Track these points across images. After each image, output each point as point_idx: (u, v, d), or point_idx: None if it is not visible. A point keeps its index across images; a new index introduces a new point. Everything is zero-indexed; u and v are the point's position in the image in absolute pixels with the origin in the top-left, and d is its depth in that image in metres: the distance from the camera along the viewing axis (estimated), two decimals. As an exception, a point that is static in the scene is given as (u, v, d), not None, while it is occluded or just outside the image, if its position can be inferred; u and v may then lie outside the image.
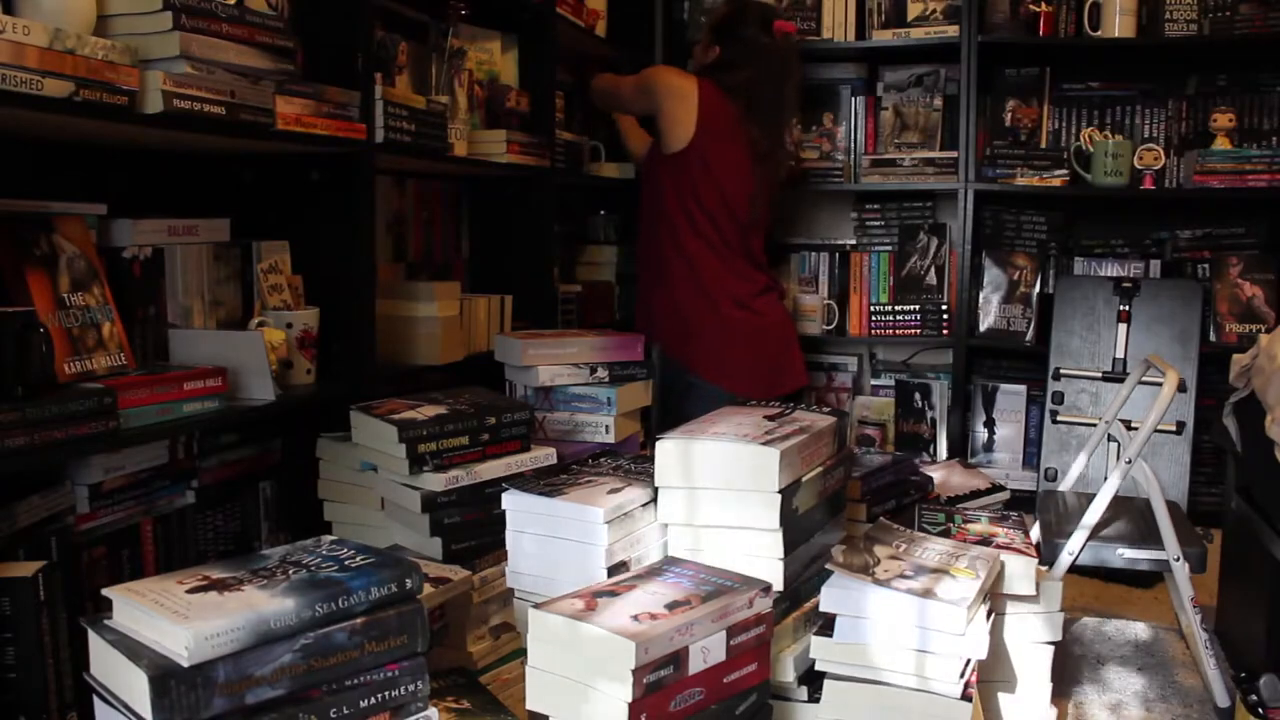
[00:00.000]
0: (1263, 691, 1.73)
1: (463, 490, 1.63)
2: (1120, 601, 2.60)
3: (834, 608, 1.41)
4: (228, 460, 1.77)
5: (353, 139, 1.78)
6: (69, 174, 1.61)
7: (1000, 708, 1.63)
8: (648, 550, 1.48)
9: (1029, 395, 3.31)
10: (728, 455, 1.42)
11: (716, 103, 2.60)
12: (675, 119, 2.59)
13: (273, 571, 1.15)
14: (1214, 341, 3.08)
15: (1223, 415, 2.26)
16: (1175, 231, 3.26)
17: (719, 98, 2.60)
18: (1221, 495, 2.68)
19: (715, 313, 2.61)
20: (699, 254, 2.60)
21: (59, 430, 1.28)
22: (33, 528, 1.41)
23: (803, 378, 2.79)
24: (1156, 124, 3.28)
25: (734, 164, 2.62)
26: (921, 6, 3.27)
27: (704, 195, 2.59)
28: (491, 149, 2.33)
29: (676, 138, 2.60)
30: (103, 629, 1.09)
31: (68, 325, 1.42)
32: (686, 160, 2.59)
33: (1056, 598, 1.64)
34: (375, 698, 1.13)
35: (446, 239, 2.55)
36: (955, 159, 3.23)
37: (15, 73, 1.19)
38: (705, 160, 2.58)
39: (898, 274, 3.39)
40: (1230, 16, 3.05)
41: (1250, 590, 2.14)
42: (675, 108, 2.59)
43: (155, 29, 1.40)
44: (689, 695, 1.18)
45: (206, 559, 1.70)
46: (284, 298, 1.78)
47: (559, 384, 2.04)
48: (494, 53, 2.54)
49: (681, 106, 2.59)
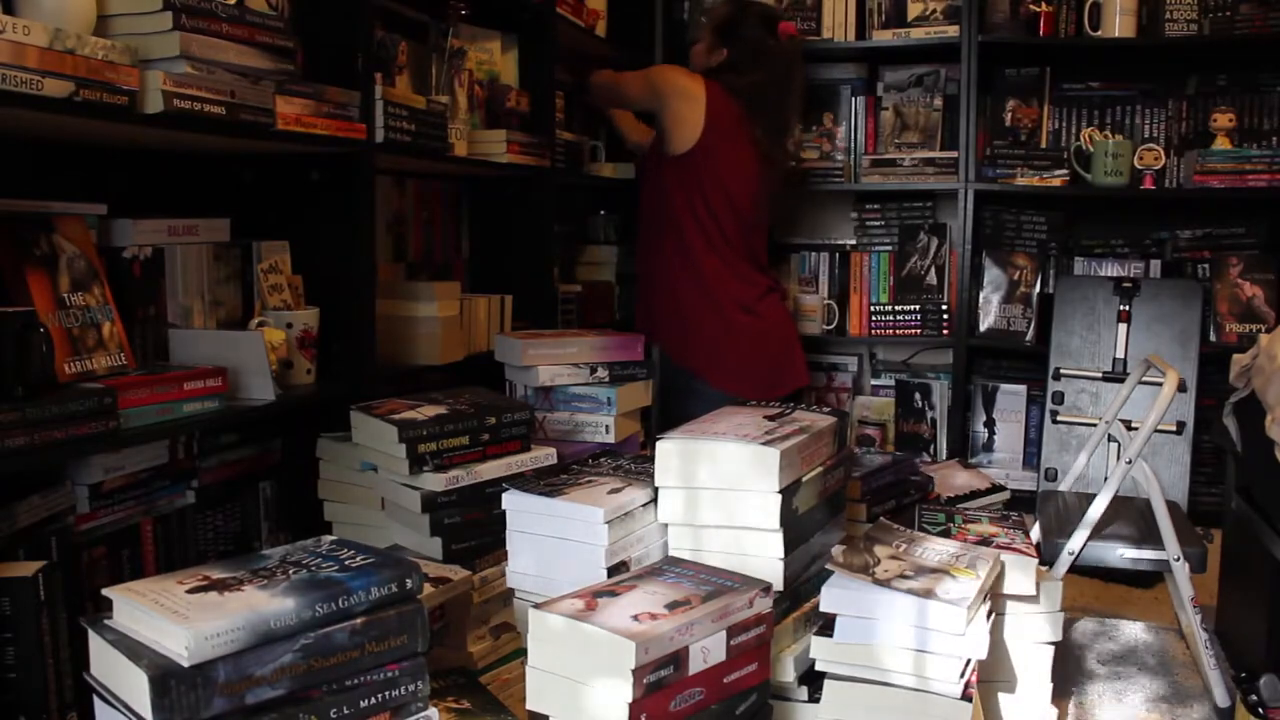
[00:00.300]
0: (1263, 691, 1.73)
1: (463, 490, 1.63)
2: (1120, 601, 2.60)
3: (834, 608, 1.41)
4: (228, 460, 1.77)
5: (353, 139, 1.78)
6: (69, 174, 1.61)
7: (1000, 708, 1.62)
8: (648, 550, 1.48)
9: (1029, 395, 3.32)
10: (728, 455, 1.42)
11: (723, 104, 2.59)
12: (682, 119, 2.58)
13: (273, 571, 1.15)
14: (1214, 341, 3.08)
15: (1223, 415, 2.26)
16: (1175, 231, 3.26)
17: (726, 99, 2.60)
18: (1221, 495, 2.68)
19: (720, 317, 2.60)
20: (704, 257, 2.60)
21: (59, 430, 1.28)
22: (33, 528, 1.41)
23: (804, 378, 2.79)
24: (1156, 124, 3.29)
25: (739, 166, 2.61)
26: (921, 6, 3.27)
27: (710, 197, 2.58)
28: (491, 149, 2.33)
29: (682, 139, 2.59)
30: (103, 629, 1.09)
31: (68, 325, 1.42)
32: (692, 162, 2.58)
33: (1056, 598, 1.64)
34: (375, 698, 1.13)
35: (446, 239, 2.55)
36: (955, 159, 3.23)
37: (15, 73, 1.19)
38: (711, 162, 2.58)
39: (898, 274, 3.39)
40: (1230, 16, 3.05)
41: (1250, 590, 2.14)
42: (683, 108, 2.58)
43: (155, 29, 1.40)
44: (689, 695, 1.18)
45: (206, 559, 1.70)
46: (284, 298, 1.78)
47: (559, 384, 2.04)
48: (494, 53, 2.54)
49: (689, 107, 2.57)
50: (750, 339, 2.63)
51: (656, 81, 2.66)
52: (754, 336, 2.64)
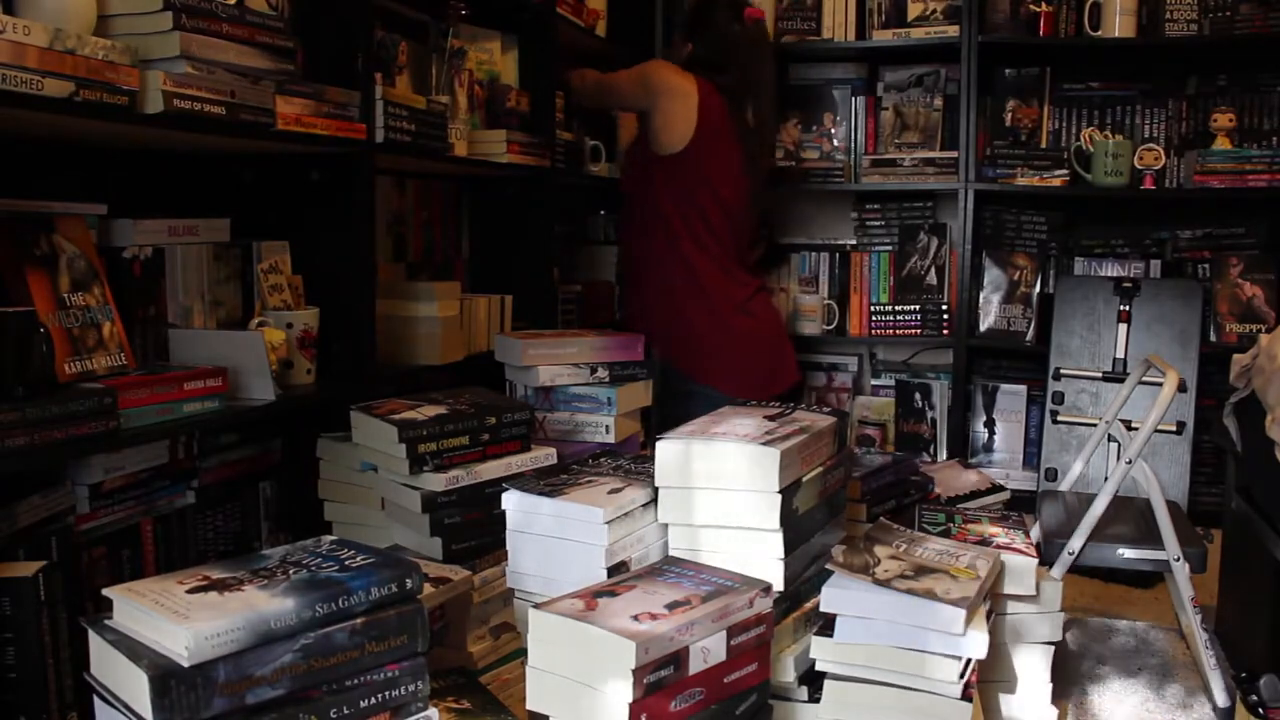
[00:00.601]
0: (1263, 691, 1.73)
1: (463, 490, 1.63)
2: (1120, 601, 2.60)
3: (834, 608, 1.41)
4: (228, 460, 1.77)
5: (353, 139, 1.78)
6: (69, 174, 1.61)
7: (1000, 708, 1.63)
8: (648, 550, 1.48)
9: (1029, 395, 3.32)
10: (728, 455, 1.42)
11: (714, 102, 2.58)
12: (675, 118, 2.56)
13: (273, 571, 1.15)
14: (1214, 341, 3.08)
15: (1223, 415, 2.26)
16: (1175, 231, 3.26)
17: (715, 96, 2.59)
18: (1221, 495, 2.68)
19: (717, 319, 2.60)
20: (697, 259, 2.59)
21: (59, 430, 1.28)
22: (33, 528, 1.41)
23: (796, 374, 2.79)
24: (1156, 124, 3.29)
25: (729, 164, 2.61)
26: (921, 6, 3.27)
27: (701, 199, 2.58)
28: (491, 149, 2.33)
29: (673, 138, 2.57)
30: (103, 629, 1.09)
31: (68, 325, 1.42)
32: (683, 162, 2.57)
33: (1056, 598, 1.64)
34: (375, 698, 1.13)
35: (446, 239, 2.55)
36: (955, 159, 3.23)
37: (15, 73, 1.19)
38: (703, 162, 2.57)
39: (898, 274, 3.39)
40: (1230, 16, 3.05)
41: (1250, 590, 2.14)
42: (675, 107, 2.56)
43: (155, 29, 1.40)
44: (689, 695, 1.18)
45: (206, 559, 1.70)
46: (284, 298, 1.78)
47: (559, 384, 2.04)
48: (494, 53, 2.54)
49: (682, 106, 2.56)
50: (747, 341, 2.63)
51: (649, 79, 2.62)
52: (749, 337, 2.63)
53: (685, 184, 2.57)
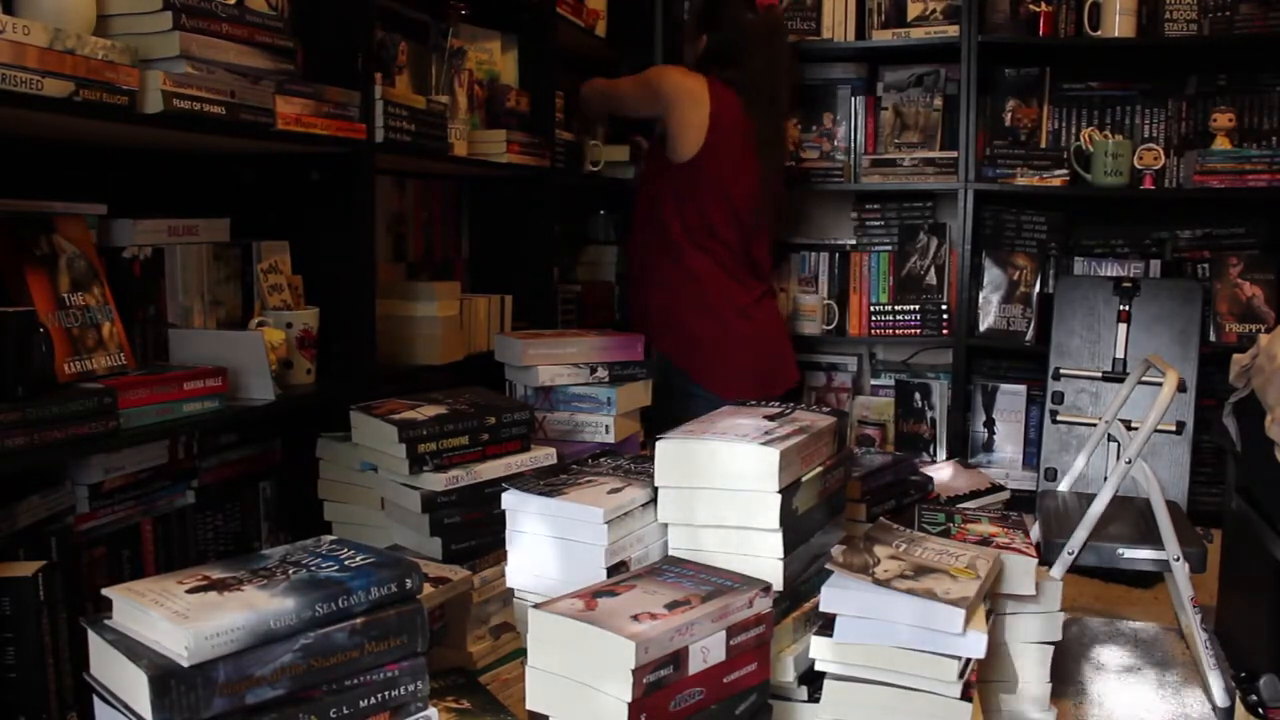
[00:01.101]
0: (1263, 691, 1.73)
1: (463, 490, 1.63)
2: (1120, 601, 2.61)
3: (834, 608, 1.41)
4: (228, 460, 1.77)
5: (353, 139, 1.78)
6: (69, 174, 1.61)
7: (1000, 708, 1.63)
8: (648, 550, 1.48)
9: (1029, 395, 3.32)
10: (728, 455, 1.42)
11: (727, 102, 2.56)
12: (688, 123, 2.53)
13: (273, 571, 1.15)
14: (1214, 341, 3.08)
15: (1223, 415, 2.26)
16: (1175, 231, 3.26)
17: (726, 94, 2.57)
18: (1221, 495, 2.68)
19: (719, 323, 2.59)
20: (702, 264, 2.58)
21: (59, 430, 1.28)
22: (33, 528, 1.41)
23: (795, 375, 2.78)
24: (1156, 124, 3.29)
25: (741, 169, 2.59)
26: (921, 6, 3.27)
27: (709, 204, 2.56)
28: (491, 149, 2.33)
29: (687, 144, 2.54)
30: (103, 629, 1.09)
31: (68, 325, 1.42)
32: (694, 169, 2.55)
33: (1056, 598, 1.64)
34: (375, 698, 1.13)
35: (446, 239, 2.55)
36: (955, 159, 3.23)
37: (15, 73, 1.19)
38: (715, 167, 2.54)
39: (898, 274, 3.39)
40: (1230, 16, 3.05)
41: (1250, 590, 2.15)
42: (688, 111, 2.53)
43: (155, 29, 1.40)
44: (689, 695, 1.18)
45: (206, 559, 1.70)
46: (284, 298, 1.78)
47: (559, 384, 2.04)
48: (494, 53, 2.54)
49: (694, 109, 2.53)
50: (749, 345, 2.62)
51: (657, 84, 2.60)
52: (750, 341, 2.63)
53: (693, 190, 2.55)
